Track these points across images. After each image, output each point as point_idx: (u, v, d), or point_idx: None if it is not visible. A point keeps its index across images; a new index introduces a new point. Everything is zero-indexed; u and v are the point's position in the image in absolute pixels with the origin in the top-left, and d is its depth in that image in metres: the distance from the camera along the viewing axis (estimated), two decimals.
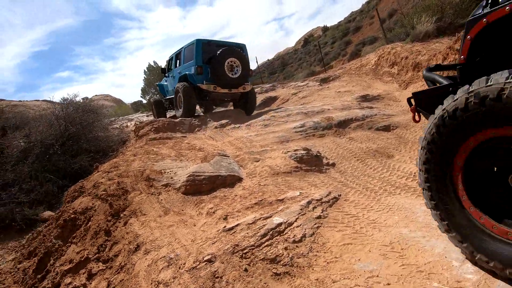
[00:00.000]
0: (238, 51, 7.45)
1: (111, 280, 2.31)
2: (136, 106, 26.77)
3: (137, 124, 7.44)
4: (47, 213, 4.58)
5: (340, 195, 3.04)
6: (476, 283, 1.38)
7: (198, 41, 7.29)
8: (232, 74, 7.23)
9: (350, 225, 2.32)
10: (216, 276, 1.77)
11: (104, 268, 2.51)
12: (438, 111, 1.43)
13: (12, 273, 3.31)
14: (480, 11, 1.55)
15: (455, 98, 1.36)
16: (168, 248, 2.29)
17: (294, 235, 2.11)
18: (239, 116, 7.88)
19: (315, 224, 2.33)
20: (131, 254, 2.45)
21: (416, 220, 2.23)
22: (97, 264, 2.55)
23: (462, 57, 1.64)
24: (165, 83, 9.20)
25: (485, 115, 1.25)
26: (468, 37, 1.59)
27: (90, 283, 2.36)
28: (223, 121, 7.19)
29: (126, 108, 30.09)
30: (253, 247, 1.95)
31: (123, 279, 2.23)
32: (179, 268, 1.96)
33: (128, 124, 14.07)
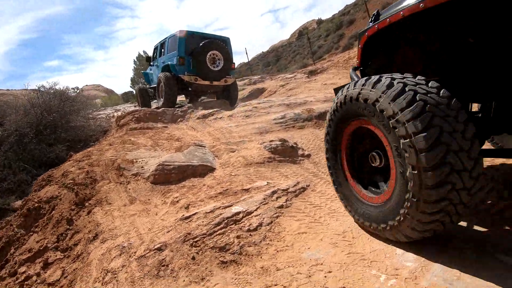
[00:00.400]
0: (220, 44, 7.48)
1: (66, 268, 2.26)
2: (127, 97, 26.38)
3: (116, 115, 7.29)
4: (19, 203, 4.48)
5: (309, 186, 3.02)
6: (412, 270, 1.37)
7: (183, 35, 7.31)
8: (213, 67, 7.32)
9: (310, 215, 2.31)
10: (162, 264, 1.73)
11: (62, 257, 2.46)
12: (332, 104, 1.84)
13: None
14: (368, 25, 1.94)
15: (339, 96, 1.76)
16: (125, 237, 2.24)
17: (250, 224, 2.08)
18: (223, 107, 7.81)
19: (275, 213, 2.31)
20: (89, 243, 2.40)
21: None
22: (55, 253, 2.50)
23: (357, 61, 2.12)
24: (150, 72, 9.23)
25: (350, 110, 1.67)
26: (360, 46, 2.03)
27: (45, 272, 2.31)
28: (206, 112, 7.10)
29: (116, 99, 29.63)
30: (204, 236, 1.92)
31: (77, 268, 2.18)
32: (130, 256, 1.92)
33: (115, 114, 13.84)
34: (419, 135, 1.23)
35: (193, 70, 7.21)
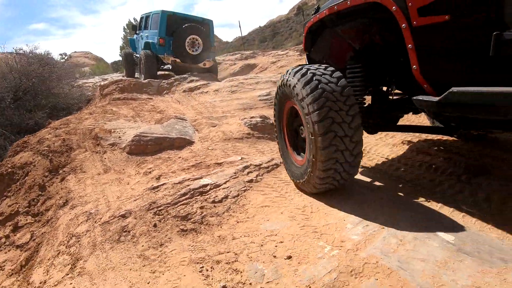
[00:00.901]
0: (200, 29, 7.72)
1: (35, 232, 2.31)
2: (116, 66, 25.54)
3: (102, 83, 7.12)
4: None
5: (282, 163, 3.08)
6: (356, 243, 1.45)
7: (163, 13, 7.48)
8: (192, 51, 7.61)
9: (277, 190, 2.37)
10: (124, 230, 1.79)
11: (32, 221, 2.49)
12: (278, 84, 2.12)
13: None
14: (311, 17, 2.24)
15: (280, 79, 2.07)
16: (93, 204, 2.28)
17: (216, 196, 2.14)
18: (210, 80, 7.68)
19: (244, 187, 2.36)
20: (59, 208, 2.44)
21: (336, 190, 2.30)
22: (25, 217, 2.53)
23: (303, 48, 2.57)
24: (136, 39, 9.29)
25: (284, 92, 2.02)
26: (304, 34, 2.42)
27: (15, 235, 2.35)
28: (192, 85, 6.99)
29: (105, 67, 28.68)
30: (169, 205, 1.97)
31: (45, 232, 2.23)
32: (95, 222, 1.97)
33: (102, 83, 13.49)
34: (314, 112, 1.67)
35: (173, 52, 7.52)
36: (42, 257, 1.92)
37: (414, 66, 1.50)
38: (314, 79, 1.73)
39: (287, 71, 1.98)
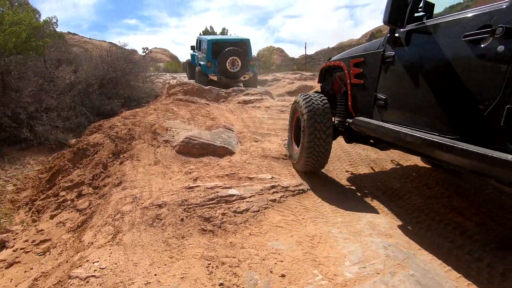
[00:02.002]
0: (238, 50, 9.82)
1: (92, 202, 2.83)
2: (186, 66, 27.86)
3: (170, 83, 8.00)
4: (73, 141, 5.35)
5: (310, 190, 3.23)
6: (347, 280, 1.58)
7: (209, 41, 9.87)
8: (232, 69, 9.77)
9: (296, 214, 2.55)
10: (158, 218, 2.15)
11: (92, 192, 3.05)
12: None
13: (33, 179, 4.06)
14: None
15: (295, 100, 3.26)
16: (140, 190, 2.72)
17: (238, 207, 2.40)
18: (265, 96, 8.10)
19: (265, 204, 2.59)
20: (114, 187, 2.94)
21: (353, 226, 2.39)
22: (88, 188, 3.10)
23: (317, 80, 3.69)
24: (195, 55, 11.91)
25: (295, 107, 3.25)
26: (319, 73, 3.59)
27: (77, 200, 2.91)
28: (247, 98, 7.47)
29: (177, 66, 31.43)
30: (197, 205, 2.29)
31: (99, 203, 2.73)
32: (137, 205, 2.38)
33: (171, 81, 14.96)
34: (306, 117, 2.78)
35: (218, 71, 9.70)
36: (93, 223, 2.38)
37: (349, 103, 2.85)
38: (310, 101, 2.87)
39: (299, 95, 3.15)
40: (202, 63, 10.12)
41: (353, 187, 3.54)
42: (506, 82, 1.38)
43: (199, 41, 11.15)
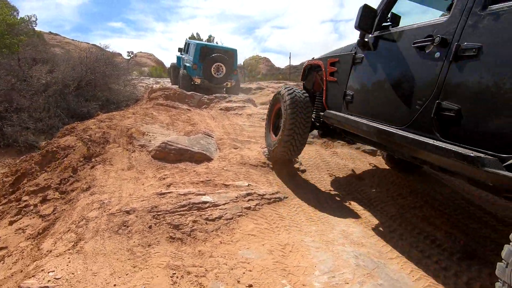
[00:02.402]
0: (224, 57, 10.02)
1: (57, 207, 2.68)
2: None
3: (153, 87, 7.87)
4: (44, 143, 5.11)
5: (287, 198, 3.21)
6: None
7: (198, 45, 10.13)
8: (217, 75, 9.94)
9: (270, 223, 2.51)
10: (124, 224, 2.05)
11: (58, 197, 2.89)
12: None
13: None
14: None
15: (278, 91, 3.46)
16: (109, 195, 2.61)
17: (211, 214, 2.34)
18: (248, 104, 8.11)
19: (240, 212, 2.54)
20: (82, 192, 2.80)
21: (326, 235, 2.38)
22: (54, 192, 2.94)
23: (301, 78, 3.87)
24: (182, 57, 11.94)
25: (276, 99, 3.49)
26: (302, 70, 3.75)
27: (41, 205, 2.74)
28: (229, 105, 7.44)
29: (161, 71, 31.09)
30: (167, 212, 2.21)
31: (64, 209, 2.58)
32: (104, 211, 2.27)
33: (154, 85, 14.74)
34: (288, 107, 3.01)
35: (202, 75, 9.79)
36: (55, 230, 2.25)
37: (324, 98, 3.14)
38: (293, 93, 3.08)
39: (282, 87, 3.36)
40: (187, 65, 10.28)
41: (330, 196, 3.56)
42: (438, 82, 1.73)
43: (187, 44, 11.29)
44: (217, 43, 21.56)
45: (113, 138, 4.07)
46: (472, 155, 1.45)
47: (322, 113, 3.11)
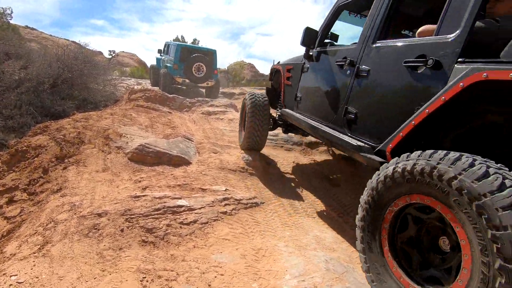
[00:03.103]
0: (204, 58, 10.37)
1: (24, 209, 2.57)
2: None
3: (134, 88, 7.74)
4: (14, 141, 4.88)
5: (263, 203, 3.25)
6: None
7: (179, 46, 10.48)
8: (198, 74, 10.23)
9: (245, 227, 2.54)
10: (95, 227, 2.01)
11: (26, 199, 2.77)
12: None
13: None
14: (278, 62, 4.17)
15: (244, 98, 4.07)
16: (80, 197, 2.54)
17: (186, 218, 2.33)
18: (230, 109, 8.13)
19: (215, 216, 2.55)
20: (52, 193, 2.71)
21: (300, 240, 2.43)
22: (22, 194, 2.82)
23: (269, 78, 4.31)
24: (161, 59, 12.15)
25: (244, 103, 4.17)
26: (269, 73, 4.28)
27: (7, 207, 2.63)
28: (211, 109, 7.44)
29: (144, 72, 30.54)
30: (141, 215, 2.18)
31: (32, 211, 2.49)
32: (75, 213, 2.20)
33: (136, 86, 14.44)
34: (250, 109, 3.73)
35: (183, 74, 10.08)
36: (21, 233, 2.16)
37: (281, 98, 3.64)
38: (254, 97, 3.70)
39: (247, 94, 3.92)
40: (168, 65, 10.57)
41: (305, 203, 3.63)
42: (347, 91, 2.32)
43: (167, 46, 11.54)
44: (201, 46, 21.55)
45: (88, 138, 3.97)
46: (355, 144, 2.07)
47: (279, 111, 3.69)
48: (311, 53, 3.05)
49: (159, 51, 12.42)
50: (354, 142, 2.11)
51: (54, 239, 1.89)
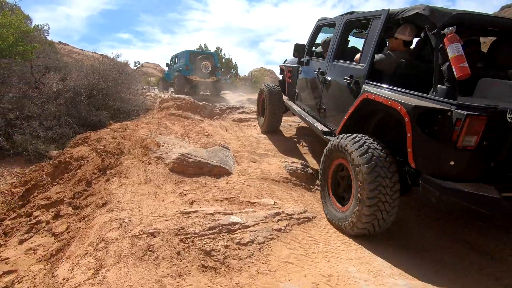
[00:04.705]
0: (210, 57, 12.67)
1: (71, 225, 2.46)
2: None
3: (164, 97, 7.76)
4: (55, 153, 4.94)
5: (315, 217, 2.97)
6: None
7: (187, 51, 12.57)
8: (205, 70, 12.07)
9: (304, 247, 2.28)
10: (150, 249, 1.83)
11: (72, 213, 2.68)
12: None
13: (5, 194, 3.62)
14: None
15: (261, 89, 5.28)
16: (128, 213, 2.39)
17: (242, 238, 2.11)
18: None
19: (271, 234, 2.31)
20: (98, 208, 2.59)
21: (371, 264, 2.13)
22: (67, 208, 2.73)
23: (280, 73, 5.33)
24: (169, 72, 14.44)
25: (261, 92, 5.42)
26: (280, 69, 5.28)
27: (54, 222, 2.53)
28: (242, 116, 7.27)
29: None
30: (196, 235, 1.98)
31: (80, 227, 2.36)
32: (125, 232, 2.04)
33: (162, 95, 14.70)
34: (267, 97, 4.80)
35: (193, 72, 12.00)
36: (71, 252, 2.02)
37: (287, 92, 4.81)
38: (270, 87, 4.69)
39: (263, 85, 4.95)
40: (180, 69, 12.50)
41: None
42: (320, 93, 3.35)
43: (175, 57, 13.86)
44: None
45: (128, 149, 3.89)
46: (321, 129, 3.21)
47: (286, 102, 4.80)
48: (302, 60, 4.16)
49: (167, 65, 14.59)
50: (322, 128, 3.28)
51: (108, 263, 1.72)
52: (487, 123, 1.72)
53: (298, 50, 4.07)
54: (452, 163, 1.83)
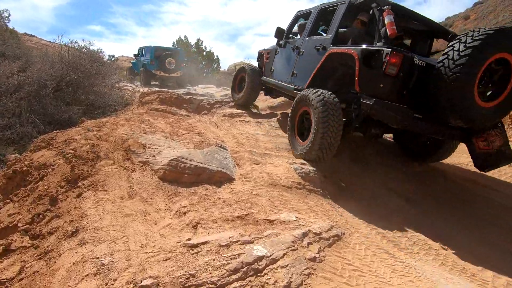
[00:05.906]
0: (174, 54, 13.39)
1: (26, 266, 1.75)
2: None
3: (144, 90, 6.94)
4: (13, 157, 4.07)
5: (344, 234, 2.43)
6: None
7: (153, 47, 13.27)
8: (169, 66, 12.99)
9: (349, 281, 1.72)
10: None
11: (28, 245, 1.95)
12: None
13: None
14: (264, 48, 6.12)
15: (243, 66, 6.38)
16: (109, 247, 1.71)
17: (276, 281, 1.51)
18: (251, 111, 7.31)
19: (307, 268, 1.73)
20: (65, 238, 1.89)
21: None
22: (22, 238, 2.00)
23: (257, 59, 6.32)
24: (137, 62, 15.09)
25: (241, 70, 6.54)
26: (258, 54, 6.13)
27: (1, 261, 1.80)
28: (234, 111, 6.60)
29: None
30: (214, 286, 1.36)
31: (38, 271, 1.66)
32: (106, 284, 1.38)
33: (141, 89, 13.65)
34: (247, 75, 5.89)
35: (158, 67, 12.88)
36: None
37: (263, 71, 5.74)
38: (249, 66, 5.91)
39: (246, 65, 6.06)
40: (146, 63, 13.26)
41: (392, 227, 2.81)
42: (295, 63, 4.51)
43: (142, 49, 14.57)
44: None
45: (105, 152, 3.15)
46: (293, 88, 4.28)
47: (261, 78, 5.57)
48: (280, 43, 5.00)
49: (135, 56, 15.22)
50: (293, 87, 4.26)
51: None
52: (403, 59, 2.75)
53: (280, 32, 4.96)
54: (381, 85, 2.85)
